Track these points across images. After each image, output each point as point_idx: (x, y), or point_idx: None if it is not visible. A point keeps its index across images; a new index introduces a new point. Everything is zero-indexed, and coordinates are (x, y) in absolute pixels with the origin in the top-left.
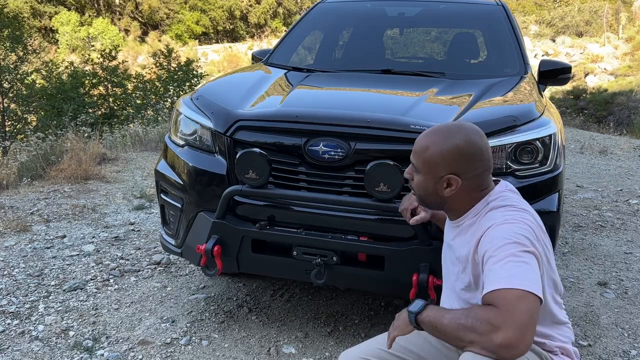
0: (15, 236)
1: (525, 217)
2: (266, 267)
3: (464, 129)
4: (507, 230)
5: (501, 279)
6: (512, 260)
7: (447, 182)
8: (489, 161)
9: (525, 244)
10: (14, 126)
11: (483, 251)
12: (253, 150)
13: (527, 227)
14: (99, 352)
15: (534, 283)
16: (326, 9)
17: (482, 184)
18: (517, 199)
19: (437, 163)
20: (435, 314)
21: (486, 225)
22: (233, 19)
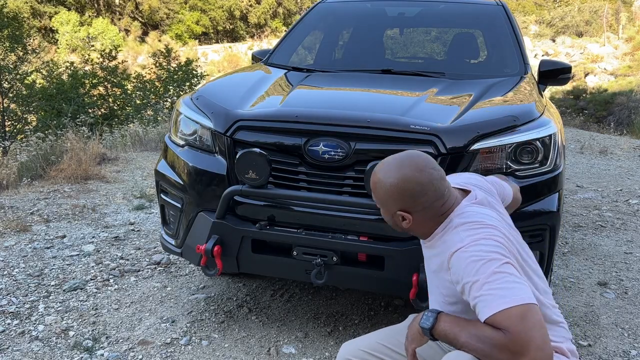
0: (15, 236)
1: (491, 232)
2: (266, 267)
3: (402, 167)
4: (477, 251)
5: (496, 302)
6: (496, 278)
7: (401, 217)
8: (437, 191)
9: (500, 258)
10: (14, 126)
11: (460, 279)
12: (253, 150)
13: (496, 243)
14: (99, 352)
15: (525, 292)
16: (326, 9)
17: (439, 211)
18: (484, 213)
19: (385, 201)
20: (450, 328)
21: (453, 246)
22: (233, 19)
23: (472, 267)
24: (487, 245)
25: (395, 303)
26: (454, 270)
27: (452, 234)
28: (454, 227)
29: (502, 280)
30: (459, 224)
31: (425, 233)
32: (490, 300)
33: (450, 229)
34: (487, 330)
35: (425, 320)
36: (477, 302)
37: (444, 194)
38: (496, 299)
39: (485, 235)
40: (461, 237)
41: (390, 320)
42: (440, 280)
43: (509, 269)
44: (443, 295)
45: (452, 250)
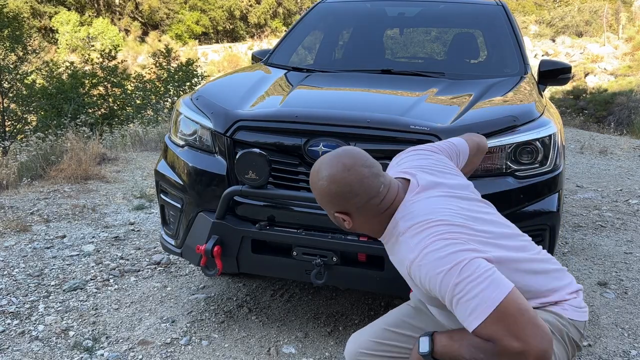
0: (15, 236)
1: (439, 231)
2: (266, 267)
3: (331, 167)
4: (432, 261)
5: (471, 317)
6: (460, 290)
7: (341, 218)
8: (368, 190)
9: (456, 259)
10: (14, 126)
11: (429, 291)
12: (253, 151)
13: (447, 242)
14: (99, 352)
15: (495, 288)
16: (326, 9)
17: (378, 209)
18: (428, 207)
19: (322, 204)
20: (449, 345)
21: (407, 257)
22: (233, 19)
23: (434, 283)
24: (439, 250)
25: (395, 303)
26: (419, 282)
27: (401, 242)
28: (402, 233)
29: (467, 289)
30: (405, 229)
31: (375, 231)
32: (467, 316)
33: (399, 236)
34: (480, 340)
35: (423, 346)
36: (458, 317)
37: (379, 192)
38: (470, 314)
39: (434, 237)
40: (410, 246)
41: None
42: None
43: (469, 268)
44: (420, 292)
45: (407, 263)
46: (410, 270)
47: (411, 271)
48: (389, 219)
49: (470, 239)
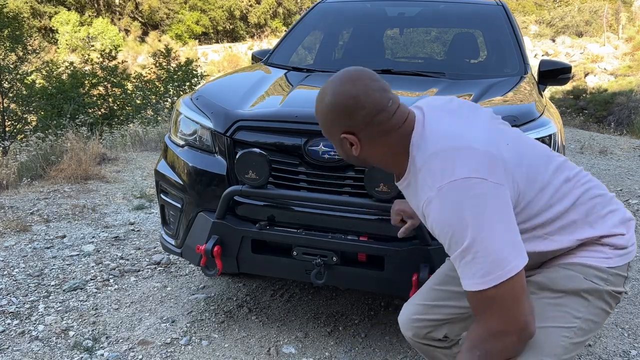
0: (15, 236)
1: (459, 161)
2: (266, 267)
3: (334, 83)
4: (450, 204)
5: (472, 278)
6: (480, 245)
7: (348, 142)
8: (376, 103)
9: (472, 206)
10: (14, 126)
11: (438, 236)
12: (253, 151)
13: (472, 180)
14: (99, 352)
15: (519, 254)
16: (326, 9)
17: (386, 126)
18: (444, 128)
19: (327, 127)
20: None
21: (423, 195)
22: (233, 19)
23: (446, 227)
24: (458, 191)
25: (395, 303)
26: (430, 225)
27: (419, 181)
28: (419, 169)
29: (483, 247)
30: (422, 163)
31: (386, 163)
32: (471, 275)
33: (418, 173)
34: (469, 337)
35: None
36: (460, 272)
37: (387, 106)
38: (477, 275)
39: (454, 171)
40: (427, 183)
41: (390, 320)
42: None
43: (490, 221)
44: None
45: (422, 203)
46: (424, 210)
47: (426, 210)
48: (402, 149)
49: (496, 168)
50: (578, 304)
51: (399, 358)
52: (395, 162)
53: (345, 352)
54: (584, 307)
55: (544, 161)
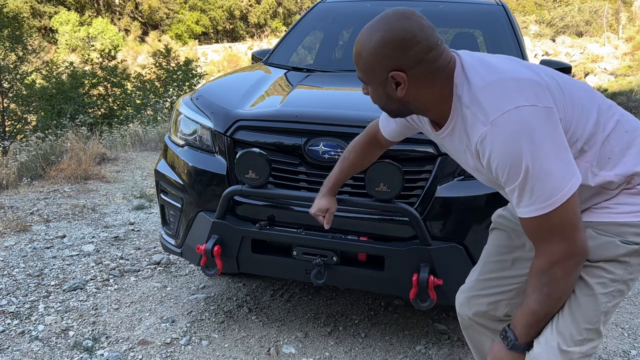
0: (15, 236)
1: (515, 88)
2: (266, 267)
3: (386, 19)
4: (508, 133)
5: (533, 204)
6: (540, 169)
7: (395, 82)
8: (429, 39)
9: (527, 133)
10: (14, 126)
11: (495, 173)
12: (253, 150)
13: (529, 107)
14: (99, 352)
15: (574, 174)
16: (326, 9)
17: (435, 67)
18: (479, 67)
19: (373, 66)
20: (523, 317)
21: (476, 133)
22: (233, 18)
23: (504, 157)
24: (511, 121)
25: (395, 303)
26: (487, 161)
27: (467, 116)
28: (467, 106)
29: (543, 170)
30: (470, 99)
31: (431, 108)
32: (532, 201)
33: (465, 110)
34: (534, 272)
35: (509, 338)
36: (516, 201)
37: (437, 44)
38: (539, 200)
39: (511, 97)
40: (479, 118)
41: (390, 320)
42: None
43: (551, 142)
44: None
45: (475, 141)
46: (479, 146)
47: (481, 146)
48: (446, 91)
49: (544, 94)
50: (616, 269)
51: (399, 358)
52: (437, 105)
53: (345, 352)
54: (622, 269)
55: (586, 92)
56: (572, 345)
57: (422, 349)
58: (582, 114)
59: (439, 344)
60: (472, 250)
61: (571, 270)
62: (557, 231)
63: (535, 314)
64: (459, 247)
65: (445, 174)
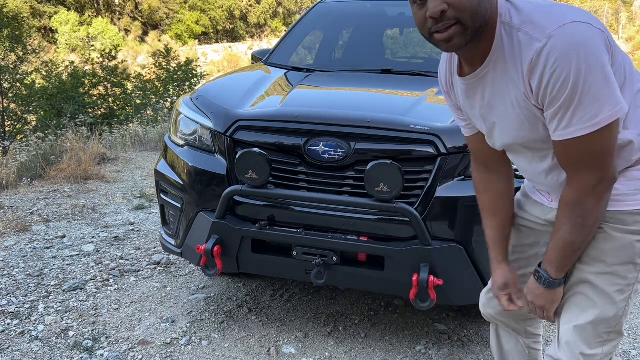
0: (15, 236)
1: (561, 7)
2: (266, 267)
3: None
4: (560, 51)
5: (579, 123)
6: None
7: None
8: None
9: (583, 47)
10: (14, 126)
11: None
12: (253, 150)
13: (585, 23)
14: (99, 352)
15: (618, 98)
16: (326, 9)
17: None
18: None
19: None
20: (557, 252)
21: (530, 51)
22: (233, 19)
23: (565, 65)
24: (568, 34)
25: (395, 303)
26: (537, 80)
27: (518, 39)
28: (518, 28)
29: (588, 91)
30: (523, 19)
31: (489, 17)
32: (582, 119)
33: (512, 36)
34: (565, 204)
35: (544, 277)
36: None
37: None
38: (579, 119)
39: (560, 15)
40: (534, 35)
41: (390, 320)
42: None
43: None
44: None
45: (530, 57)
46: (534, 62)
47: (536, 62)
48: (494, 13)
49: (598, 21)
50: (631, 272)
51: (399, 358)
52: (488, 29)
53: (345, 352)
54: (636, 272)
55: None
56: (595, 347)
57: (422, 349)
58: (624, 57)
59: (439, 344)
60: (472, 250)
61: (602, 197)
62: (594, 156)
63: (571, 246)
64: (459, 247)
65: (445, 174)
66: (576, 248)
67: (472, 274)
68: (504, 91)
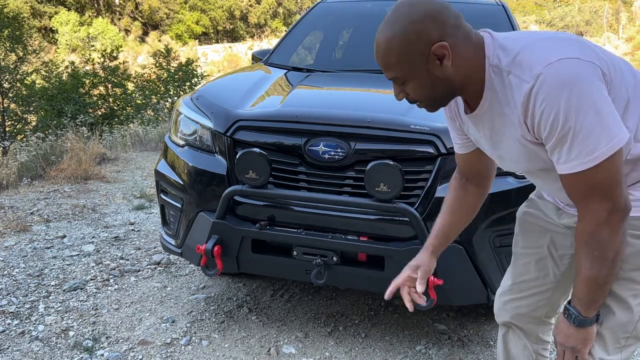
0: (15, 236)
1: (547, 43)
2: (266, 267)
3: (403, 4)
4: (549, 90)
5: (577, 158)
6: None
7: (437, 56)
8: (450, 8)
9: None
10: (14, 126)
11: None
12: (253, 150)
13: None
14: (99, 352)
15: (621, 128)
16: (326, 8)
17: (468, 32)
18: (512, 36)
19: (411, 50)
20: (584, 288)
21: (521, 92)
22: (233, 19)
23: (553, 107)
24: (555, 73)
25: (395, 303)
26: (530, 119)
27: (509, 82)
28: (508, 70)
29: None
30: (509, 62)
31: (469, 82)
32: (579, 154)
33: (502, 78)
34: (580, 238)
35: (574, 315)
36: (560, 157)
37: (458, 15)
38: (576, 154)
39: (558, 49)
40: (523, 76)
41: (390, 320)
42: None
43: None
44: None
45: (521, 99)
46: (525, 103)
47: (527, 103)
48: (478, 62)
49: (587, 50)
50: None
51: (399, 358)
52: (475, 76)
53: (345, 352)
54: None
55: (622, 60)
56: (613, 353)
57: (422, 349)
58: (623, 77)
59: (439, 344)
60: (472, 250)
61: (617, 227)
62: (599, 189)
63: (595, 281)
64: (459, 247)
65: (445, 174)
66: (602, 282)
67: (472, 274)
68: (505, 131)
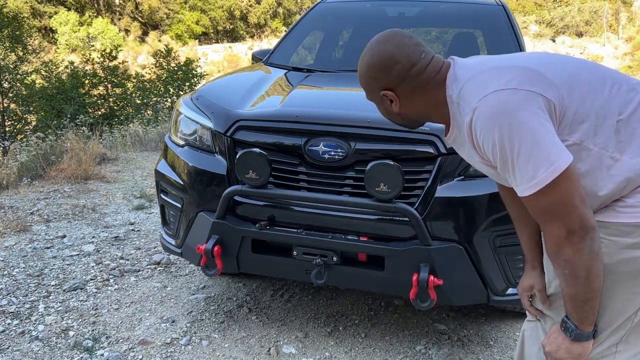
0: (15, 236)
1: (500, 73)
2: (266, 267)
3: (371, 46)
4: (490, 111)
5: (523, 183)
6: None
7: (388, 99)
8: (410, 56)
9: (523, 105)
10: (14, 126)
11: (487, 150)
12: (253, 150)
13: (511, 90)
14: (99, 352)
15: (562, 151)
16: (326, 9)
17: (421, 79)
18: (466, 64)
19: (369, 88)
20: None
21: (465, 120)
22: (233, 19)
23: (489, 134)
24: (489, 105)
25: (395, 303)
26: (481, 150)
27: (459, 114)
28: (457, 103)
29: (527, 148)
30: (457, 92)
31: (426, 115)
32: (524, 179)
33: (455, 110)
34: (549, 258)
35: (571, 329)
36: (513, 181)
37: (421, 59)
38: (521, 179)
39: (496, 81)
40: (468, 103)
41: (390, 320)
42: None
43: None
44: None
45: (467, 124)
46: (470, 135)
47: (471, 134)
48: (441, 98)
49: (528, 78)
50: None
51: (399, 358)
52: (438, 113)
53: (345, 352)
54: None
55: (597, 71)
56: (608, 358)
57: (422, 349)
58: (589, 93)
59: (439, 344)
60: (472, 250)
61: (580, 246)
62: (550, 211)
63: (575, 298)
64: (459, 247)
65: (445, 174)
66: (583, 299)
67: (472, 274)
68: (472, 154)
